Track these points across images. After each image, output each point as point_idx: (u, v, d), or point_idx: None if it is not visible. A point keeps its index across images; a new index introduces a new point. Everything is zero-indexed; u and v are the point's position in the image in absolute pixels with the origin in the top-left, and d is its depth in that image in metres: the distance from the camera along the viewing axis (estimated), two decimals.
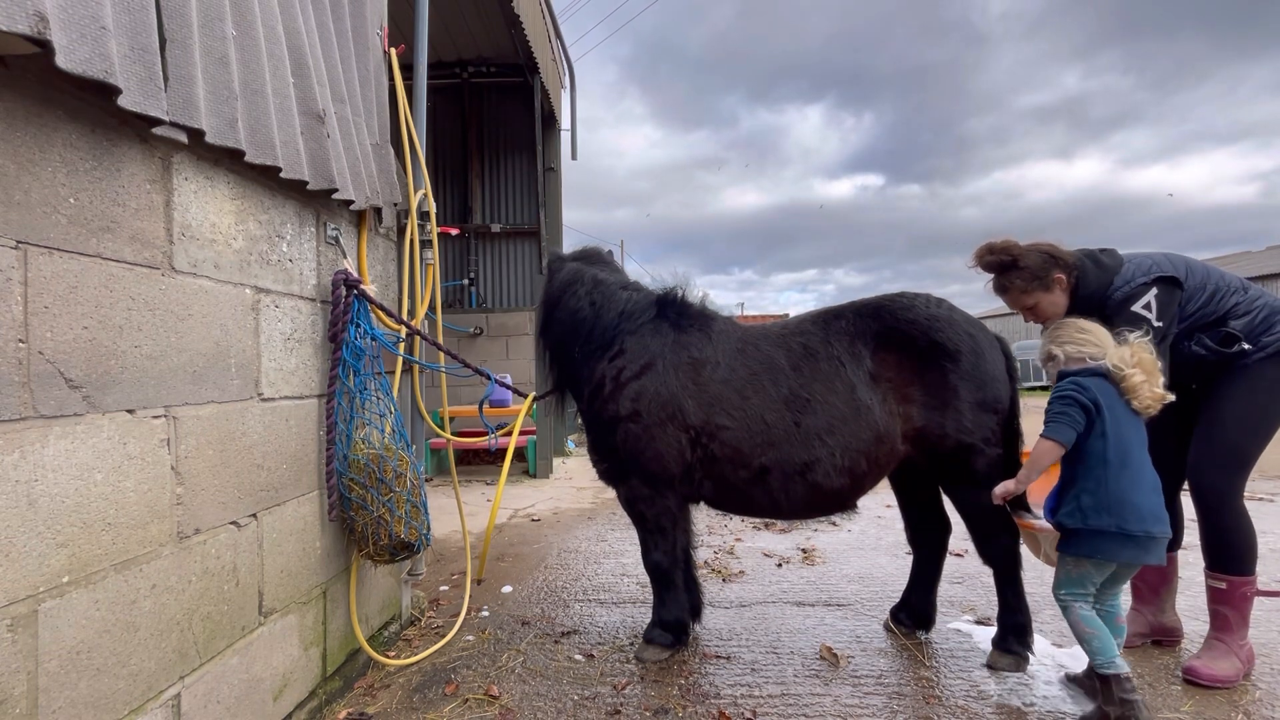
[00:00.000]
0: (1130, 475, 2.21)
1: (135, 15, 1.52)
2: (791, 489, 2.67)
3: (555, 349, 2.99)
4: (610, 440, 2.81)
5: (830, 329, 2.79)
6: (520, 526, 5.34)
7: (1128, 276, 2.55)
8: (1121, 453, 2.22)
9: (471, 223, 8.90)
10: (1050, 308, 2.62)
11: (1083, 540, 2.25)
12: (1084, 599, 2.29)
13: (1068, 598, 2.31)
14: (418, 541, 2.54)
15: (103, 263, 1.56)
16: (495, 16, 7.12)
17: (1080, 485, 2.27)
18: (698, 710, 2.42)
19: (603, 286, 2.96)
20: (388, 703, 2.51)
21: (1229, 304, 2.54)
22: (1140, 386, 2.22)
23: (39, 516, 1.40)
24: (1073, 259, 2.61)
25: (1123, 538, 2.18)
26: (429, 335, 3.36)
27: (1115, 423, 2.24)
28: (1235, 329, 2.50)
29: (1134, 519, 2.18)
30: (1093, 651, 2.25)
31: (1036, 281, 2.61)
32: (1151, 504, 2.21)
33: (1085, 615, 2.26)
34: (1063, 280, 2.59)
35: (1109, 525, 2.19)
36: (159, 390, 1.71)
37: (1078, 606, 2.28)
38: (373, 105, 2.85)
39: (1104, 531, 2.20)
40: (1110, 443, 2.23)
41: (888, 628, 3.11)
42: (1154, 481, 2.26)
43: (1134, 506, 2.19)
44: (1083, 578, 2.29)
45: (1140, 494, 2.21)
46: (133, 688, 1.62)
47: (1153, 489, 2.24)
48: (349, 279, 2.51)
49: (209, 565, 1.89)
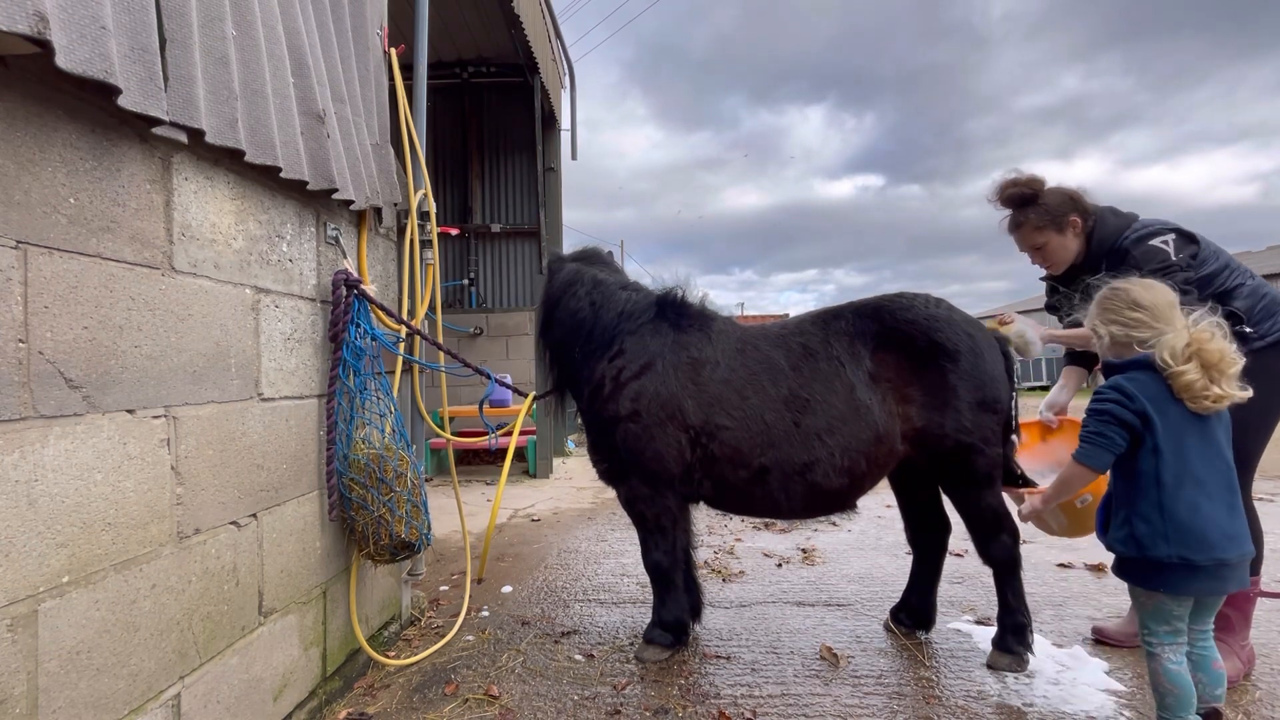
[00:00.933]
0: (1189, 494, 1.86)
1: (135, 15, 1.52)
2: (791, 489, 2.67)
3: (556, 349, 2.99)
4: (610, 440, 2.81)
5: (830, 329, 2.79)
6: (520, 526, 5.34)
7: (1145, 223, 2.57)
8: (1180, 469, 1.87)
9: (471, 223, 8.90)
10: (1059, 250, 2.63)
11: (1145, 572, 1.93)
12: (1171, 640, 1.92)
13: (1153, 640, 1.94)
14: (418, 541, 2.54)
15: (103, 263, 1.56)
16: (495, 16, 7.13)
17: (1132, 508, 1.93)
18: (698, 710, 2.42)
19: (602, 287, 2.96)
20: (388, 703, 2.51)
21: (1236, 281, 2.54)
22: (1193, 386, 1.83)
23: (39, 516, 1.40)
24: (1091, 206, 2.63)
25: (1189, 568, 1.84)
26: (429, 335, 3.36)
27: (1171, 434, 1.87)
28: (1238, 309, 2.47)
29: (1199, 547, 1.83)
30: (1164, 707, 1.94)
31: (1051, 221, 2.61)
32: (1220, 524, 1.85)
33: (1170, 669, 1.90)
34: (1077, 224, 2.60)
35: (1170, 556, 1.85)
36: (159, 390, 1.71)
37: (1165, 656, 1.92)
38: (373, 105, 2.85)
39: (1166, 563, 1.86)
40: (1165, 459, 1.87)
41: (888, 628, 3.11)
42: (1224, 493, 1.89)
43: (1197, 532, 1.84)
44: (1161, 613, 1.92)
45: (1204, 515, 1.85)
46: (133, 688, 1.62)
47: (1224, 504, 1.88)
48: (349, 279, 2.51)
49: (209, 565, 1.89)
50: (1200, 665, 1.96)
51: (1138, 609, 2.02)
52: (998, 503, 2.70)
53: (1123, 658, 2.76)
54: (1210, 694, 1.96)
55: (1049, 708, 2.38)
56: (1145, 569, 1.92)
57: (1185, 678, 1.90)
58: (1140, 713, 2.36)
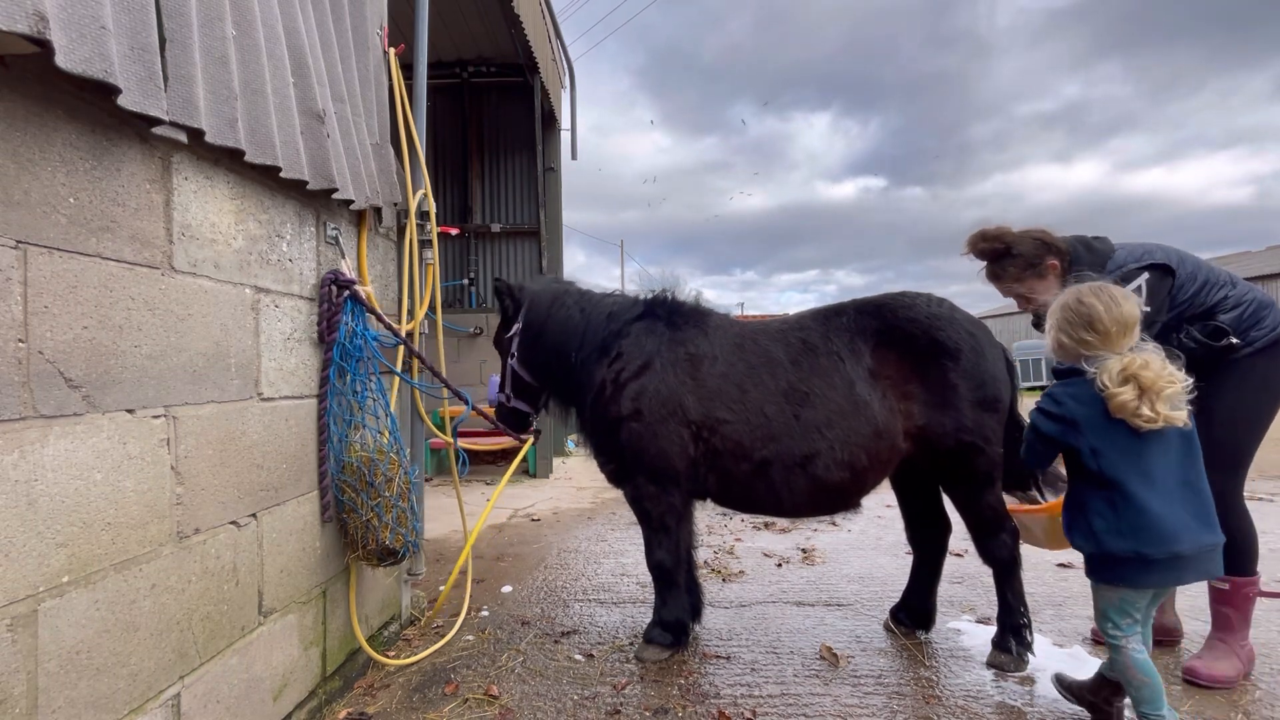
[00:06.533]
0: (1136, 491, 1.96)
1: (135, 15, 1.52)
2: (793, 482, 2.67)
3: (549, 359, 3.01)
4: (615, 441, 2.82)
5: (830, 325, 2.80)
6: (520, 526, 5.34)
7: (1120, 261, 2.54)
8: (1125, 467, 1.97)
9: (471, 223, 8.89)
10: (1043, 294, 2.62)
11: (1106, 567, 2.03)
12: (1132, 631, 2.03)
13: (1117, 634, 2.05)
14: (403, 549, 2.50)
15: (102, 262, 1.56)
16: (495, 16, 7.12)
17: (1088, 506, 2.05)
18: (697, 710, 2.42)
19: (589, 295, 3.08)
20: (387, 702, 2.51)
21: (1217, 297, 2.53)
22: (1126, 406, 1.92)
23: (39, 516, 1.40)
24: (1065, 245, 2.60)
25: (1145, 561, 1.94)
26: (425, 335, 3.36)
27: (1112, 435, 1.98)
28: (1224, 322, 2.48)
29: (1150, 541, 1.93)
30: (1139, 699, 2.02)
31: (1030, 269, 2.60)
32: (1171, 519, 1.93)
33: (1137, 659, 2.01)
34: (1056, 266, 2.59)
35: (1125, 550, 1.95)
36: (159, 390, 1.71)
37: (1130, 647, 2.02)
38: (373, 105, 2.85)
39: (1121, 557, 1.97)
40: (1107, 459, 1.98)
41: (888, 628, 3.11)
42: (1178, 489, 1.97)
43: (1148, 528, 1.93)
44: (1124, 606, 2.03)
45: (1154, 511, 1.93)
46: (132, 687, 1.62)
47: (1176, 499, 1.96)
48: (339, 279, 2.49)
49: (209, 565, 1.89)
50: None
51: (1100, 604, 2.10)
52: (998, 502, 2.70)
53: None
54: None
55: (1049, 708, 2.38)
56: (1105, 564, 2.03)
57: (1153, 667, 2.02)
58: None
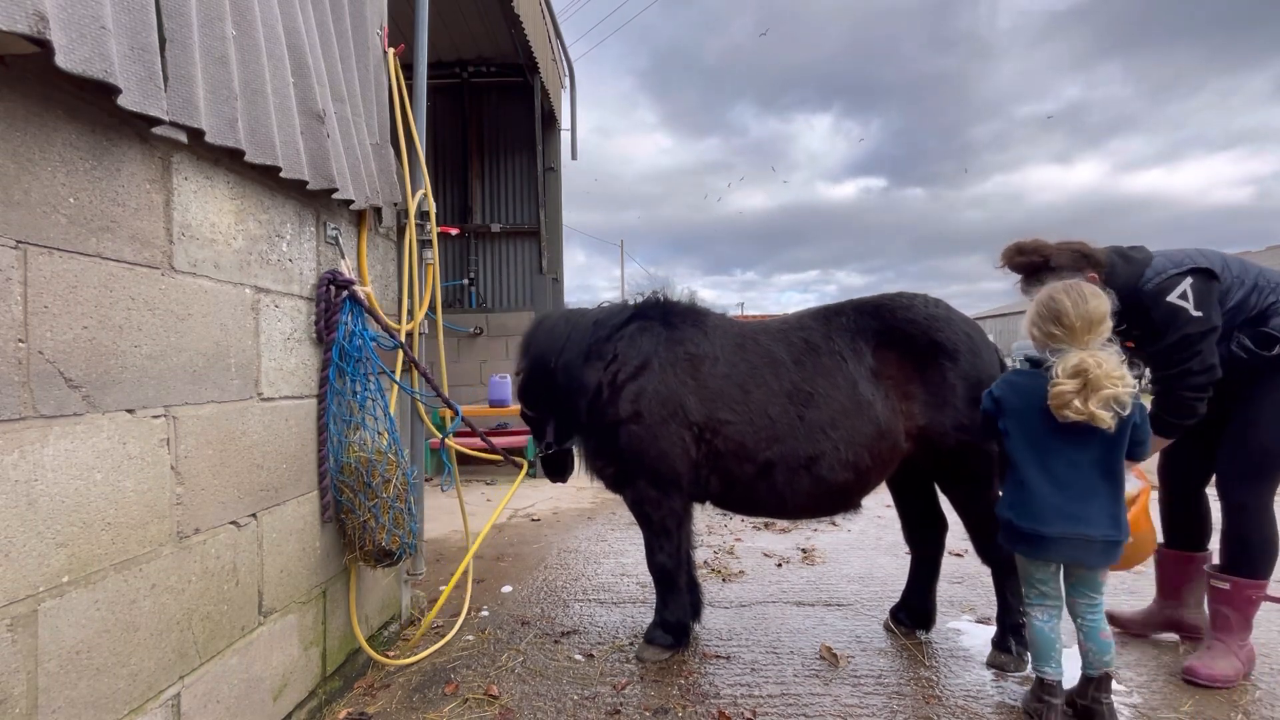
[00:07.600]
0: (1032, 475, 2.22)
1: (135, 15, 1.52)
2: (797, 484, 2.65)
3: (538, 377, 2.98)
4: (614, 444, 2.77)
5: (831, 325, 2.79)
6: (520, 526, 5.34)
7: (1159, 268, 2.48)
8: (1028, 451, 2.23)
9: (471, 223, 8.89)
10: None
11: (1010, 535, 2.31)
12: (1039, 602, 2.31)
13: (1025, 605, 2.36)
14: (400, 550, 2.49)
15: (102, 262, 1.56)
16: (495, 16, 7.12)
17: (1007, 481, 2.35)
18: (697, 710, 2.42)
19: (577, 311, 3.09)
20: (387, 702, 2.51)
21: (1268, 300, 2.47)
22: (1061, 396, 2.10)
23: (39, 516, 1.40)
24: (1103, 256, 2.54)
25: (1038, 536, 2.21)
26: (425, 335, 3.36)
27: (1027, 422, 2.24)
28: (1275, 328, 2.43)
29: (1042, 519, 2.19)
30: (1034, 657, 2.32)
31: None
32: (1059, 504, 2.18)
33: (1037, 627, 2.30)
34: (1095, 279, 2.55)
35: (1024, 524, 2.23)
36: (159, 390, 1.71)
37: (1033, 614, 2.32)
38: (373, 105, 2.85)
39: (1022, 530, 2.24)
40: (1014, 441, 2.27)
41: (888, 628, 3.11)
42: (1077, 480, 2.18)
43: (1037, 507, 2.20)
44: (1028, 577, 2.34)
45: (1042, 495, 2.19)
46: (132, 687, 1.62)
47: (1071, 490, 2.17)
48: (337, 278, 2.48)
49: (209, 565, 1.89)
50: (1089, 635, 2.25)
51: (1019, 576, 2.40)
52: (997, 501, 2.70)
53: (1123, 657, 2.76)
54: (1099, 660, 2.23)
55: None
56: (1010, 533, 2.30)
57: (1046, 634, 2.28)
58: (1141, 711, 2.36)
